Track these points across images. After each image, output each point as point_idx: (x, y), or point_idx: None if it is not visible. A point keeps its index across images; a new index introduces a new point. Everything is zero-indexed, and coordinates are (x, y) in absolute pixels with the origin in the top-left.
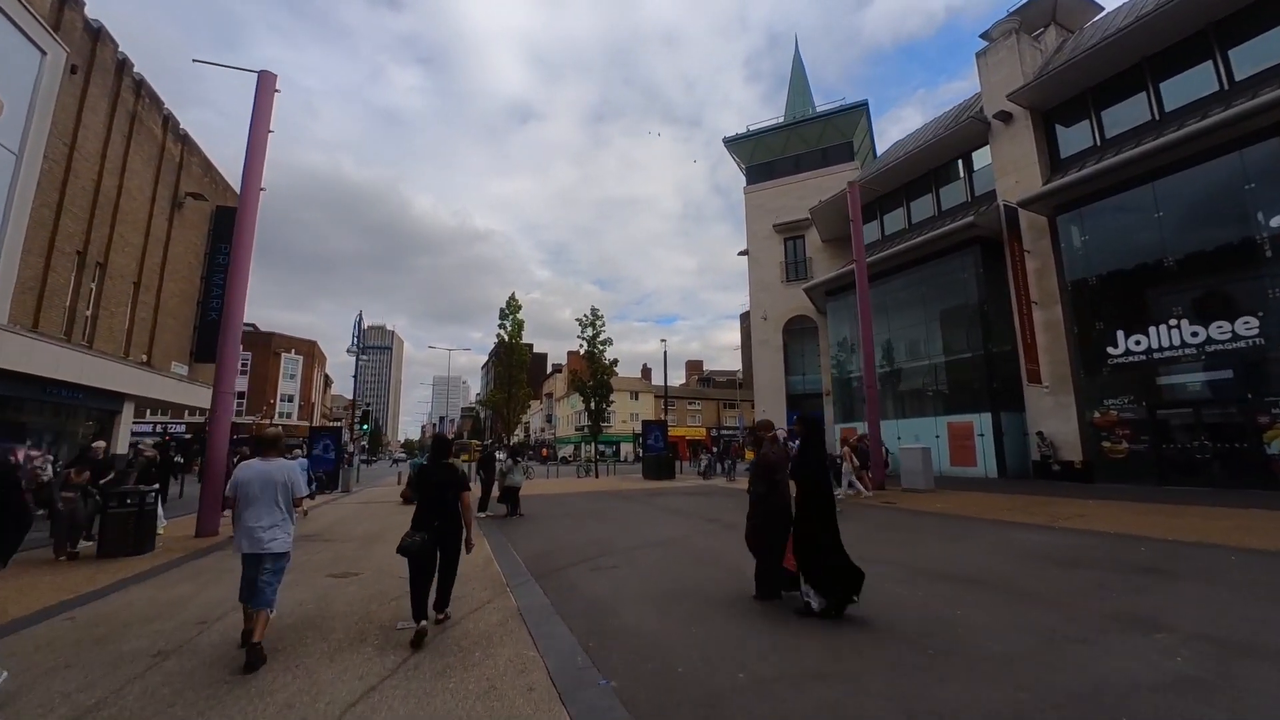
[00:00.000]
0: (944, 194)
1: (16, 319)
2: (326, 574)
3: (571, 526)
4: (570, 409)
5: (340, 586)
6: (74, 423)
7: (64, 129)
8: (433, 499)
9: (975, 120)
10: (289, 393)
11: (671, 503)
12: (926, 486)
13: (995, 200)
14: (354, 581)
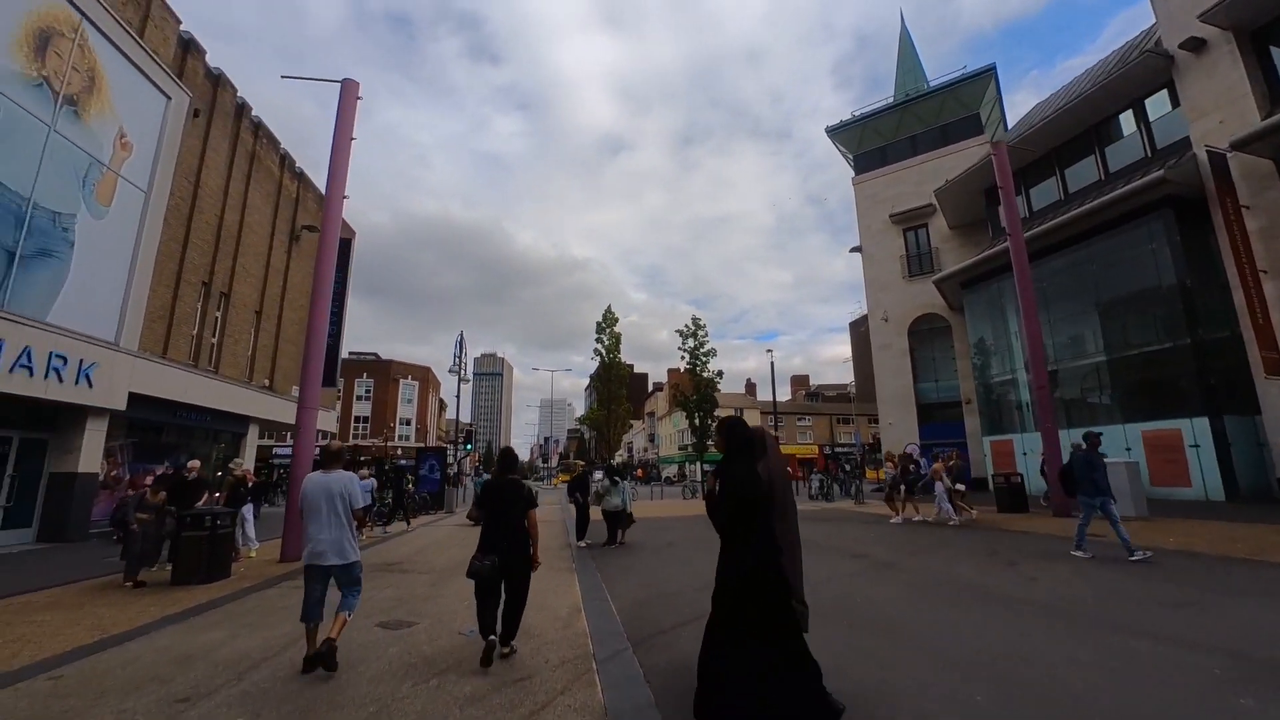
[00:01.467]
0: (1110, 154)
1: (147, 346)
2: (377, 622)
3: (679, 561)
4: (673, 427)
5: (379, 646)
6: (207, 444)
7: (189, 168)
8: (498, 517)
9: (1152, 56)
10: (407, 416)
11: None
12: (1138, 513)
13: (1189, 150)
14: (402, 638)
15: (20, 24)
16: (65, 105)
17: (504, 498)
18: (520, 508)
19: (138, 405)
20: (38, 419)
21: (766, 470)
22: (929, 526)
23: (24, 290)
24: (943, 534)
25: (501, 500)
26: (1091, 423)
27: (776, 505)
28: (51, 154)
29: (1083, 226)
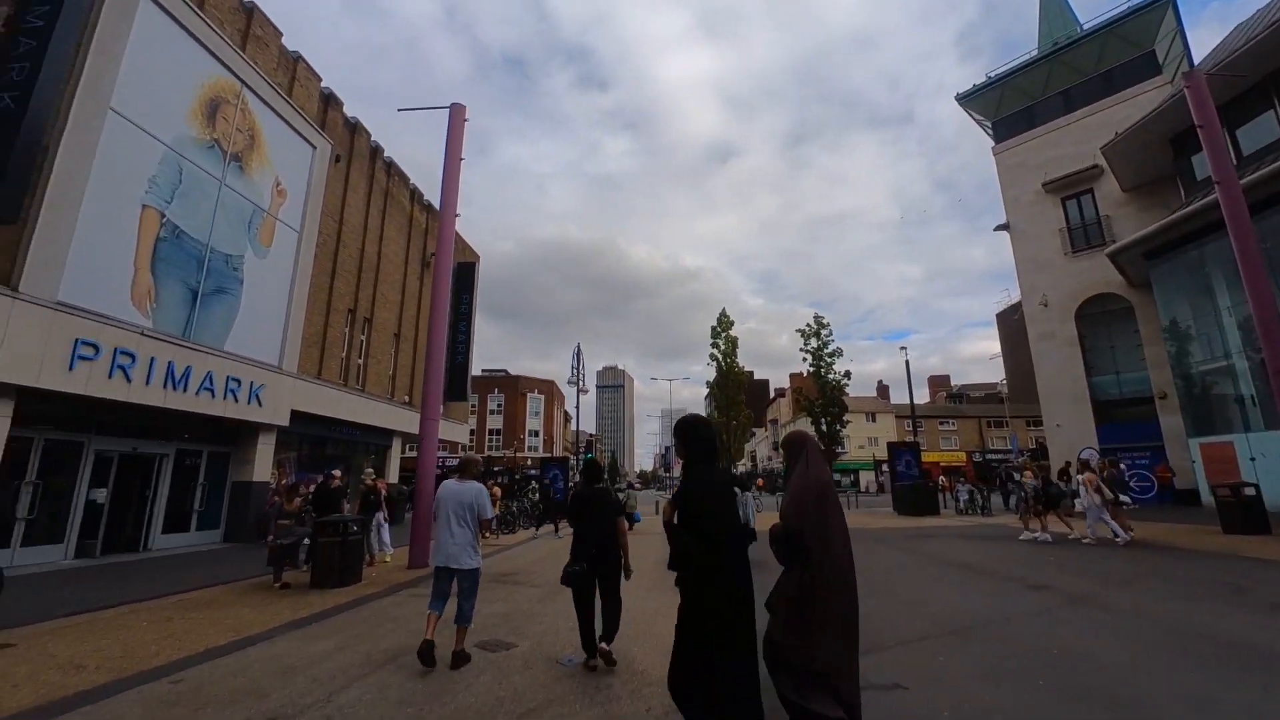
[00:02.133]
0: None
1: (304, 369)
2: (478, 641)
3: None
4: None
5: (473, 672)
6: (359, 456)
7: (333, 208)
8: (588, 525)
9: None
10: (535, 428)
11: (949, 550)
12: None
13: None
14: (498, 663)
15: (195, 96)
16: (232, 162)
17: (592, 507)
18: (609, 516)
19: (299, 421)
20: (220, 435)
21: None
22: (1094, 548)
23: (205, 323)
24: (1129, 556)
25: (590, 509)
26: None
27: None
28: (223, 205)
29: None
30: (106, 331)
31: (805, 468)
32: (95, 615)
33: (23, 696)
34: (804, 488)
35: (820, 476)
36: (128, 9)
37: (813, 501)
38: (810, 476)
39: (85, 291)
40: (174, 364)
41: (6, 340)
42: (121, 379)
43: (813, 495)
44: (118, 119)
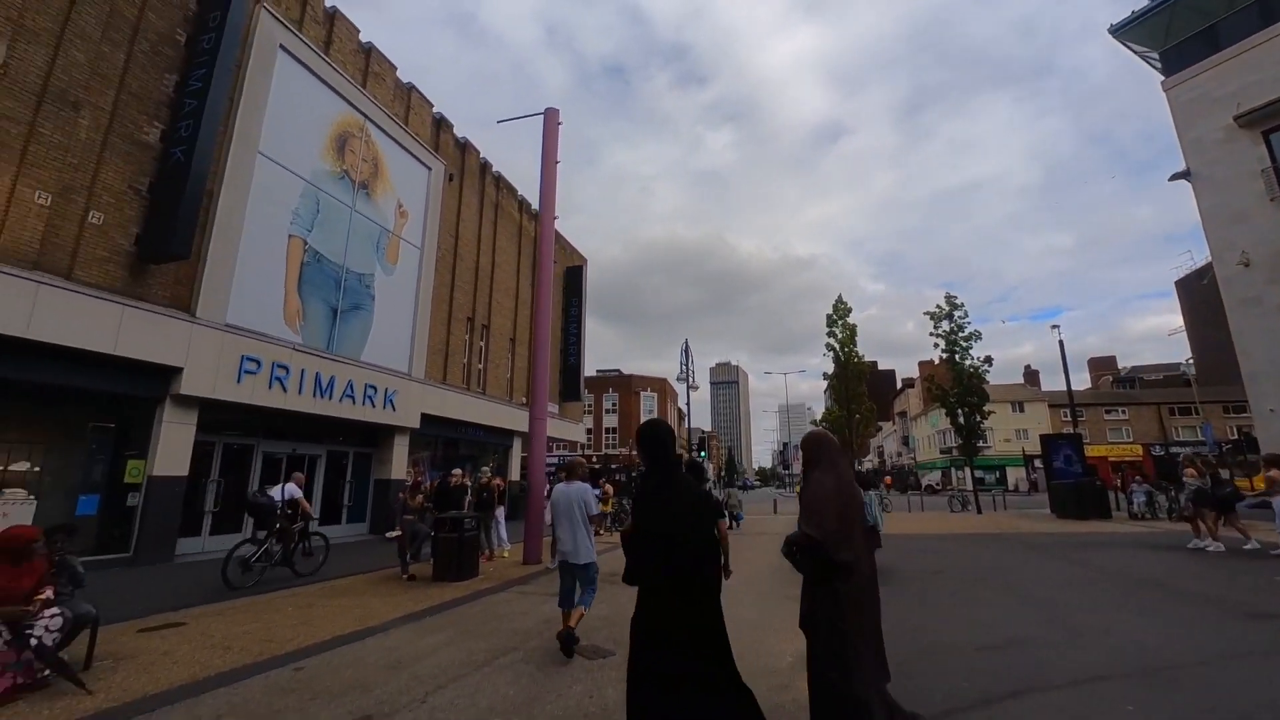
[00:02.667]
0: None
1: (431, 375)
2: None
3: (951, 598)
4: (930, 427)
5: (566, 681)
6: (485, 455)
7: (449, 224)
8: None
9: None
10: None
11: (1128, 563)
12: None
13: None
14: (592, 672)
15: (326, 133)
16: (360, 189)
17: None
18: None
19: (428, 423)
20: (363, 437)
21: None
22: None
23: (344, 337)
24: None
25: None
26: None
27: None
28: (354, 229)
29: None
30: (266, 348)
31: (826, 472)
32: (255, 599)
33: (177, 673)
34: (827, 495)
35: (845, 479)
36: (268, 63)
37: (840, 509)
38: (835, 482)
39: (247, 314)
40: (320, 375)
41: (189, 359)
42: (279, 389)
43: (840, 502)
44: (265, 161)
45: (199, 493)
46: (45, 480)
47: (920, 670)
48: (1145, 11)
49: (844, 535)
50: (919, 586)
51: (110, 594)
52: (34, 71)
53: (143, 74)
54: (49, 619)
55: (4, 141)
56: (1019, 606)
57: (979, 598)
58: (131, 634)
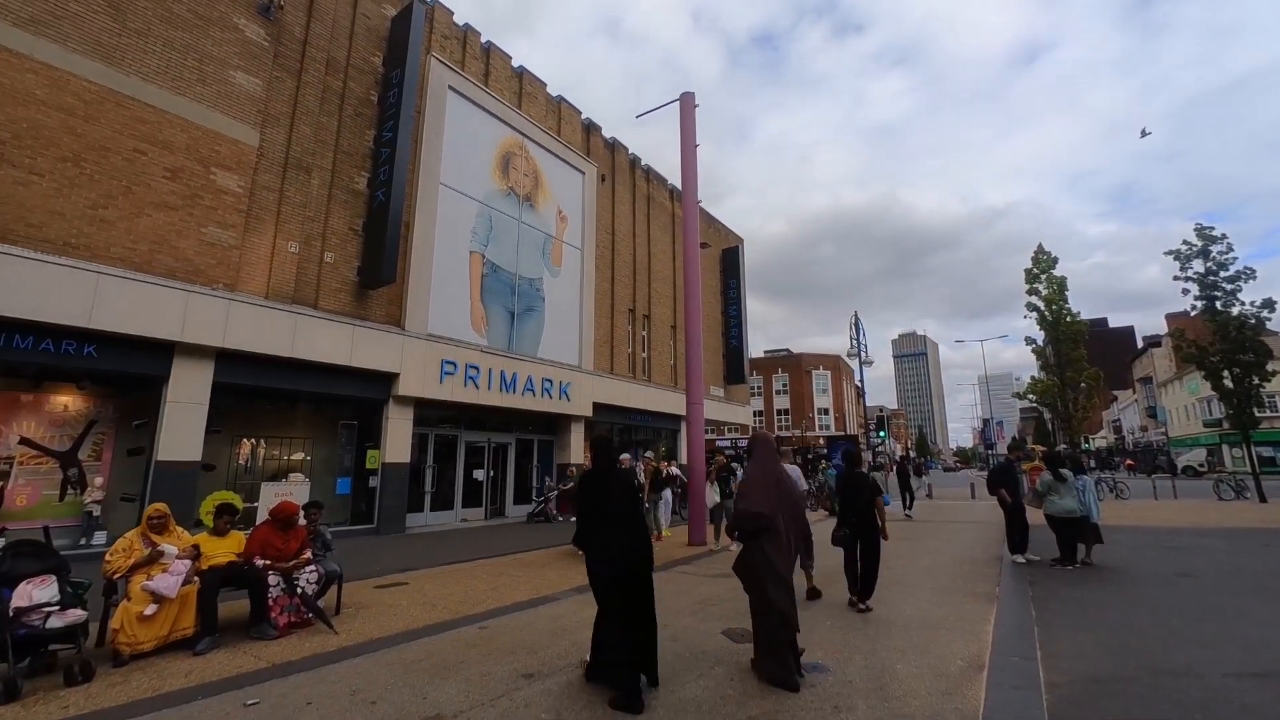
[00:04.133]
0: None
1: (599, 366)
2: (725, 627)
3: (1195, 608)
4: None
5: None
6: (659, 440)
7: (605, 223)
8: (851, 501)
9: None
10: (824, 406)
11: None
12: None
13: None
14: (737, 655)
15: (492, 156)
16: (525, 202)
17: (855, 487)
18: (865, 492)
19: (600, 411)
20: (545, 425)
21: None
22: None
23: (521, 337)
24: None
25: (853, 489)
26: None
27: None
28: (522, 239)
29: None
30: (459, 352)
31: (758, 463)
32: (459, 566)
33: (397, 623)
34: (755, 480)
35: (771, 470)
36: (441, 104)
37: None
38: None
39: (443, 324)
40: (504, 372)
41: (404, 365)
42: (472, 386)
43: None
44: (446, 190)
45: (420, 476)
46: (314, 467)
47: (1136, 696)
48: None
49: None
50: (1157, 592)
51: (358, 556)
52: (277, 147)
53: (350, 134)
54: (308, 574)
55: (265, 206)
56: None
57: (1242, 609)
58: (370, 589)
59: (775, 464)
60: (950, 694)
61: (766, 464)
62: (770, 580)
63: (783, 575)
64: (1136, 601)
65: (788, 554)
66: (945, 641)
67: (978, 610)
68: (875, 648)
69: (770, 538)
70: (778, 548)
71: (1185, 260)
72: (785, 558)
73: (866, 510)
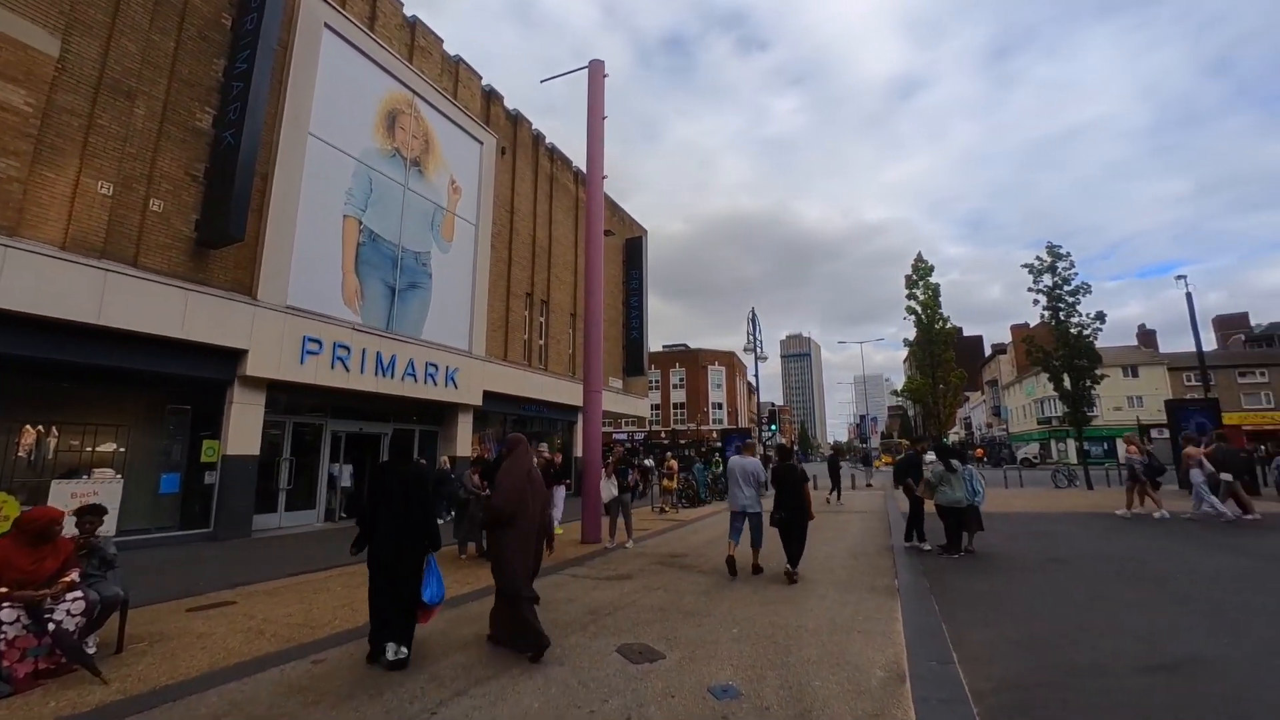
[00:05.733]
0: None
1: (492, 352)
2: (620, 644)
3: (1083, 598)
4: (1026, 396)
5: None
6: (552, 432)
7: (504, 198)
8: (785, 489)
9: None
10: (718, 401)
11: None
12: None
13: None
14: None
15: (375, 111)
16: (413, 167)
17: (787, 477)
18: (798, 482)
19: (492, 400)
20: (428, 415)
21: (511, 472)
22: None
23: (403, 316)
24: None
25: (786, 479)
26: None
27: (519, 508)
28: (408, 207)
29: None
30: (326, 329)
31: (515, 462)
32: (310, 577)
33: (200, 661)
34: (507, 474)
35: (523, 468)
36: (313, 42)
37: (513, 486)
38: (519, 469)
39: (307, 295)
40: (380, 354)
41: (254, 341)
42: (341, 369)
43: (516, 481)
44: (316, 142)
45: (273, 471)
46: (130, 460)
47: (1060, 699)
48: None
49: (517, 501)
50: (1039, 580)
51: (178, 569)
52: (88, 64)
53: (192, 61)
54: (70, 602)
55: (66, 134)
56: (1177, 609)
57: (1121, 597)
58: (181, 613)
59: (529, 463)
60: (878, 716)
61: (522, 463)
62: (513, 564)
63: (523, 557)
64: (1023, 591)
65: (532, 537)
66: (859, 648)
67: (882, 607)
68: (788, 660)
69: (517, 526)
70: (520, 535)
71: (1037, 274)
72: (528, 542)
73: (798, 497)
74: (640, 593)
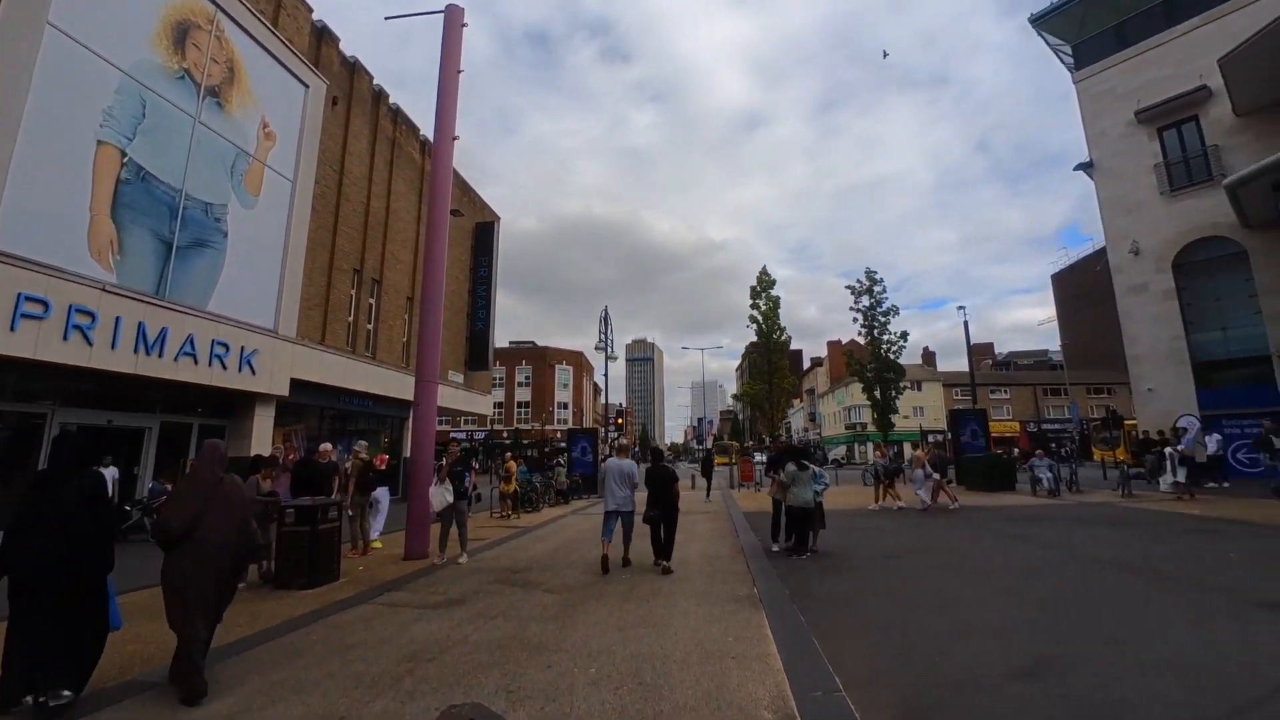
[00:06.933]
0: None
1: (305, 334)
2: (443, 707)
3: (929, 595)
4: (837, 404)
5: None
6: (375, 428)
7: (332, 156)
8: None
9: None
10: (564, 400)
11: (1069, 538)
12: None
13: None
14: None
15: (158, 17)
16: (208, 97)
17: (660, 477)
18: (670, 481)
19: (303, 391)
20: (214, 406)
21: (194, 485)
22: None
23: (183, 281)
24: None
25: (660, 480)
26: None
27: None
28: (199, 145)
29: None
30: (59, 286)
31: (194, 473)
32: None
33: None
34: (188, 489)
35: (204, 480)
36: None
37: (197, 496)
38: (199, 482)
39: (30, 240)
40: (145, 325)
41: None
42: (80, 341)
43: (196, 496)
44: (59, 36)
45: None
46: None
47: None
48: (1062, 4)
49: (191, 516)
50: (882, 578)
51: None
52: None
53: None
54: None
55: None
56: (1013, 604)
57: (959, 593)
58: None
59: (211, 474)
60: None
61: (205, 471)
62: (189, 590)
63: (198, 588)
64: (873, 591)
65: (212, 562)
66: (737, 681)
67: (750, 623)
68: (661, 710)
69: (191, 547)
70: (197, 557)
71: (858, 295)
72: (205, 568)
73: (669, 495)
74: (475, 623)
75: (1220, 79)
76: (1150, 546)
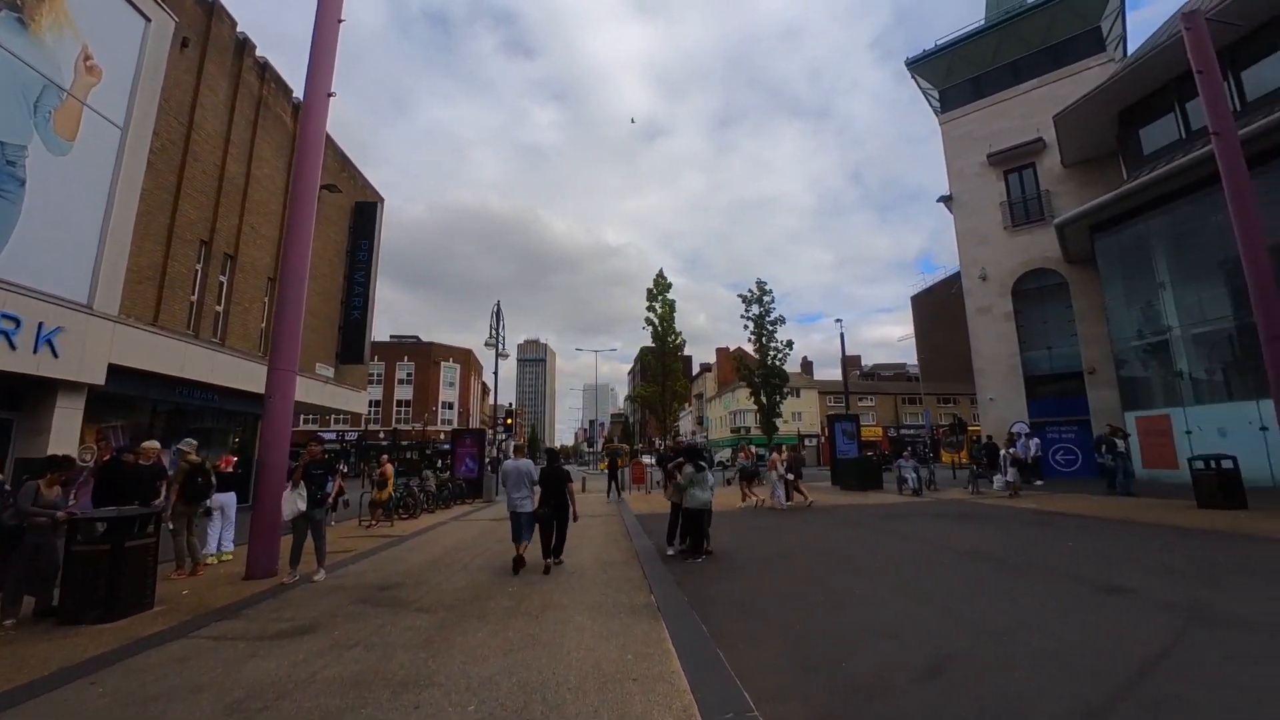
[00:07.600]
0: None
1: (132, 311)
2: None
3: (825, 594)
4: (724, 409)
5: None
6: (223, 427)
7: (179, 107)
8: (551, 488)
9: None
10: (449, 400)
11: (933, 532)
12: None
13: None
14: None
15: None
16: (6, 10)
17: (554, 478)
18: (563, 483)
19: (124, 380)
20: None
21: None
22: None
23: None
24: (1200, 546)
25: (554, 480)
26: None
27: None
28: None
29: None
30: None
31: None
32: None
33: None
34: None
35: None
36: None
37: None
38: None
39: None
40: None
41: None
42: None
43: None
44: None
45: None
46: None
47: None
48: (932, 52)
49: None
50: (776, 579)
51: None
52: None
53: None
54: None
55: None
56: (899, 600)
57: (852, 590)
58: None
59: None
60: None
61: None
62: None
63: None
64: (770, 593)
65: None
66: (641, 707)
67: (650, 636)
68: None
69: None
70: None
71: (748, 303)
72: None
73: (562, 494)
74: (326, 656)
75: (1054, 134)
76: (1005, 540)
